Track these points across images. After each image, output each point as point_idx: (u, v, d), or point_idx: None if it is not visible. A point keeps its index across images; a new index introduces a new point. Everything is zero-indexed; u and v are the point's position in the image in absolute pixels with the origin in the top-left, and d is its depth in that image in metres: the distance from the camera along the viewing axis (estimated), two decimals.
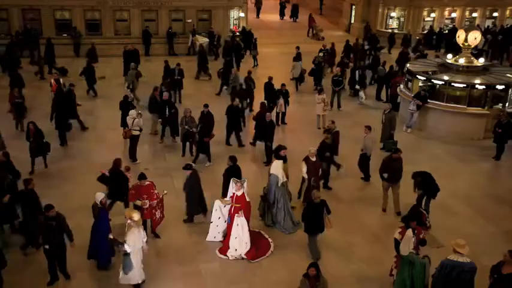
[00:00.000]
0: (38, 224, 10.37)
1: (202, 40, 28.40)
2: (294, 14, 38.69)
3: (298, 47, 25.44)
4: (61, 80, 19.70)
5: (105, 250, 10.94)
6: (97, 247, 10.96)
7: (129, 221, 10.12)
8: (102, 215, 10.94)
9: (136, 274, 10.23)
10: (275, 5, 41.10)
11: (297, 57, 24.85)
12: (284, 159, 13.30)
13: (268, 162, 15.20)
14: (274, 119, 19.27)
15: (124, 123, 16.59)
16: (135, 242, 10.03)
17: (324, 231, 11.73)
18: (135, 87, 21.31)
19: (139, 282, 10.35)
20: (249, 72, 20.90)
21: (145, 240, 10.39)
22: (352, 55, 27.13)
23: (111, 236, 10.62)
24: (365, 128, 15.22)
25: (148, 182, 11.90)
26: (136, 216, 10.17)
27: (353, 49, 27.35)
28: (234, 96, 19.12)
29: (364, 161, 15.18)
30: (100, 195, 11.03)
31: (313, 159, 13.51)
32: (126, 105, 17.37)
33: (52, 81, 19.63)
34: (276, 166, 12.85)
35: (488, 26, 32.52)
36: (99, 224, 10.89)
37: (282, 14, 39.31)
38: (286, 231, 12.72)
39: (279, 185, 12.68)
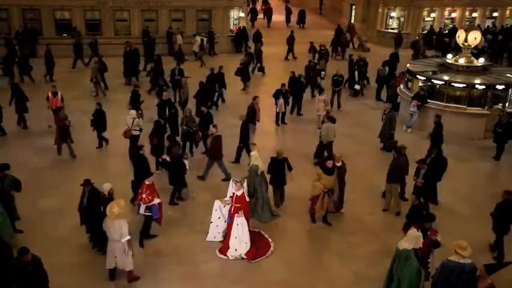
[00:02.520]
0: (11, 269, 9.13)
1: (195, 40, 28.14)
2: (301, 20, 37.58)
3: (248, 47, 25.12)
4: (59, 92, 18.34)
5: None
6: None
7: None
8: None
9: (107, 259, 10.48)
10: (278, 6, 40.73)
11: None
12: (331, 171, 12.69)
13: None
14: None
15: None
16: (106, 229, 10.20)
17: (286, 184, 13.27)
18: (99, 80, 21.83)
19: (109, 268, 10.51)
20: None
21: (124, 240, 10.16)
22: (339, 49, 28.34)
23: None
24: (324, 118, 16.25)
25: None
26: (116, 209, 10.06)
27: (341, 43, 28.22)
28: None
29: (320, 148, 16.03)
30: (107, 186, 11.10)
31: (339, 164, 13.03)
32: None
33: (49, 94, 18.26)
34: (255, 156, 13.03)
35: (488, 26, 32.52)
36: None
37: (288, 20, 38.11)
38: (264, 221, 12.80)
39: (258, 173, 12.79)
